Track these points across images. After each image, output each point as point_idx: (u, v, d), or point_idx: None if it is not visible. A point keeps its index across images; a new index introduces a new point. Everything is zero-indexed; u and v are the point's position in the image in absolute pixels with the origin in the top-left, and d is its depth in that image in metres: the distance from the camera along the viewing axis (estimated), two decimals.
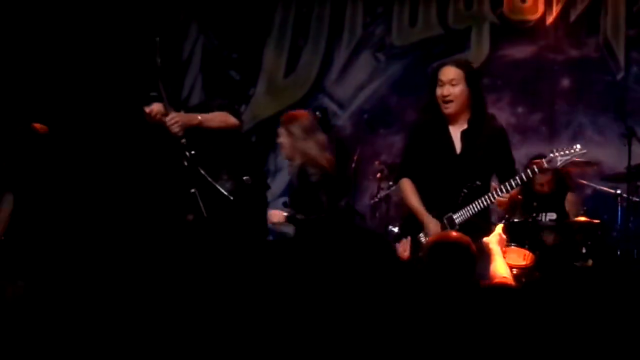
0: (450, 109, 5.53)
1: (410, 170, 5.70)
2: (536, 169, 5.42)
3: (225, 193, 5.53)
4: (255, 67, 9.44)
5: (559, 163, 5.42)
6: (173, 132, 5.57)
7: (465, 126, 5.57)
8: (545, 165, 5.42)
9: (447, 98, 5.51)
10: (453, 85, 5.49)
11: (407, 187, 5.67)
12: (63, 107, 8.21)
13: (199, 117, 5.69)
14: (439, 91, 5.52)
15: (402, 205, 5.98)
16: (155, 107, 5.56)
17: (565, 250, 7.25)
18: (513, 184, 5.39)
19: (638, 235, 7.53)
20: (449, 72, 5.52)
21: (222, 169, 5.63)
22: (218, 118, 5.75)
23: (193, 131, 5.63)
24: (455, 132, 5.58)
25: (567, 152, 5.39)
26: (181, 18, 9.66)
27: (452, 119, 5.57)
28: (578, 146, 5.40)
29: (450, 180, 5.55)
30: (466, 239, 4.04)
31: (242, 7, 9.42)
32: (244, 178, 5.68)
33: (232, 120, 5.75)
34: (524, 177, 5.37)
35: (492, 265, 4.48)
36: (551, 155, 5.44)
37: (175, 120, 5.62)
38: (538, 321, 3.27)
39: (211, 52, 9.49)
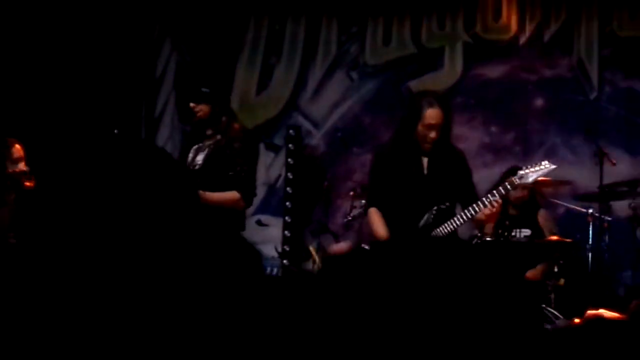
0: (430, 147, 5.61)
1: (378, 199, 5.72)
2: (509, 186, 5.48)
3: None
4: (227, 84, 9.40)
5: (530, 179, 5.53)
6: None
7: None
8: (518, 182, 5.52)
9: (432, 140, 5.58)
10: (438, 128, 5.55)
11: (375, 216, 5.71)
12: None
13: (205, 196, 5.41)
14: (425, 132, 5.56)
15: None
16: None
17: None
18: (492, 198, 5.45)
19: (609, 255, 7.53)
20: (438, 117, 5.55)
21: None
22: (223, 200, 5.48)
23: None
24: (423, 156, 5.67)
25: (537, 168, 5.50)
26: (155, 35, 9.63)
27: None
28: (546, 162, 5.52)
29: (419, 201, 5.59)
30: None
31: (215, 22, 9.38)
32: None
33: (240, 204, 5.52)
34: (502, 191, 5.45)
35: None
36: (521, 172, 5.53)
37: None
38: None
39: (184, 68, 9.45)
